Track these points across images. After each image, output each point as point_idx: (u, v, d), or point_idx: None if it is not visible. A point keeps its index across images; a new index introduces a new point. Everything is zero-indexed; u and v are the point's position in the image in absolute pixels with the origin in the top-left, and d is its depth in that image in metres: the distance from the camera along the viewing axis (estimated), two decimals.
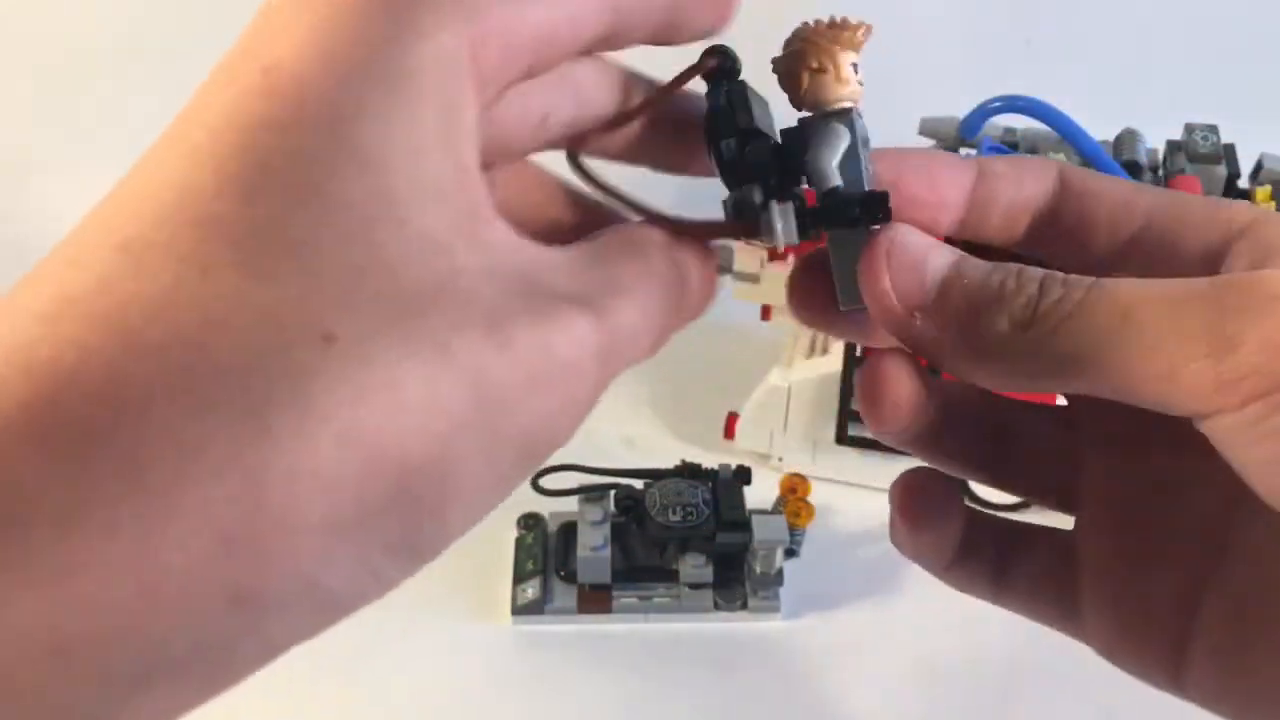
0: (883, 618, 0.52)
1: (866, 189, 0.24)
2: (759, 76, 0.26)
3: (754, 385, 0.58)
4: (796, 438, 0.57)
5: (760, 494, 0.53)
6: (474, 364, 0.17)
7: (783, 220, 0.24)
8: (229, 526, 0.16)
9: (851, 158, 0.24)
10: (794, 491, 0.52)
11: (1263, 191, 0.52)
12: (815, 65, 0.24)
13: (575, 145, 0.24)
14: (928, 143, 0.58)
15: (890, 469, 0.61)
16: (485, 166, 0.20)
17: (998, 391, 0.23)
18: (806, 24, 0.25)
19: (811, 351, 0.59)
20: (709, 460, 0.53)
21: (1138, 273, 0.23)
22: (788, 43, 0.25)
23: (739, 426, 0.58)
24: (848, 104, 0.24)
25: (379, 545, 0.17)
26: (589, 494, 0.53)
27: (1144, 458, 0.25)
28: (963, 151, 0.57)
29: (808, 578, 0.53)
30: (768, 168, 0.24)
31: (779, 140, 0.25)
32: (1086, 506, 0.26)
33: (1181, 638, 0.24)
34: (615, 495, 0.53)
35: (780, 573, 0.52)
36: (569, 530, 0.54)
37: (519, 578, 0.53)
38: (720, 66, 0.25)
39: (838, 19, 0.25)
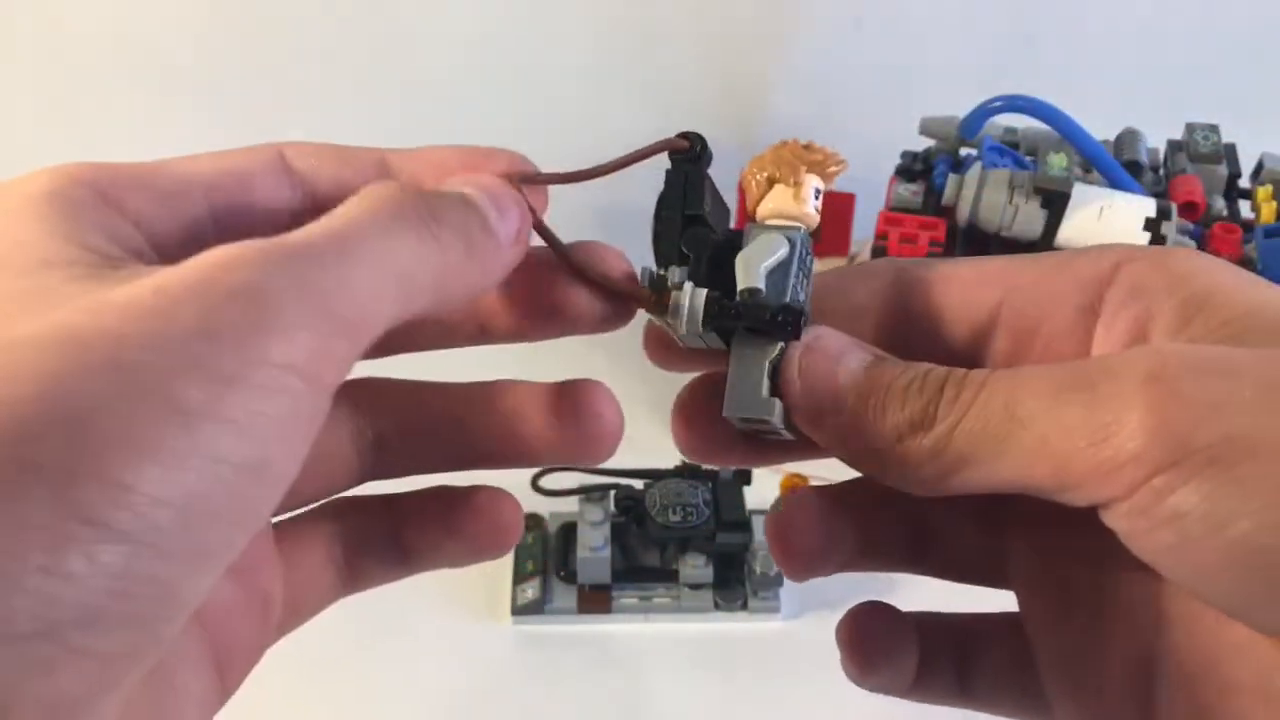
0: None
1: (786, 301, 0.23)
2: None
3: None
4: None
5: (760, 494, 0.53)
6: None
7: (690, 301, 0.23)
8: None
9: (783, 271, 0.24)
10: (794, 491, 0.52)
11: (1264, 191, 0.52)
12: (777, 177, 0.24)
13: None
14: (928, 142, 0.58)
15: None
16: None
17: (914, 494, 0.22)
18: (784, 141, 0.25)
19: None
20: None
21: (1009, 349, 0.23)
22: (760, 155, 0.25)
23: None
24: (799, 225, 0.24)
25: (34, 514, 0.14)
26: (589, 494, 0.53)
27: (1068, 537, 0.24)
28: (963, 151, 0.57)
29: None
30: (699, 254, 0.24)
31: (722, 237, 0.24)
32: (1022, 590, 0.26)
33: (1145, 717, 0.22)
34: (615, 495, 0.53)
35: (780, 573, 0.52)
36: (569, 530, 0.54)
37: (519, 578, 0.53)
38: (689, 150, 0.24)
39: (815, 144, 0.25)
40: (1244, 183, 0.56)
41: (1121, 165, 0.52)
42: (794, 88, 0.83)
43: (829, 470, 0.24)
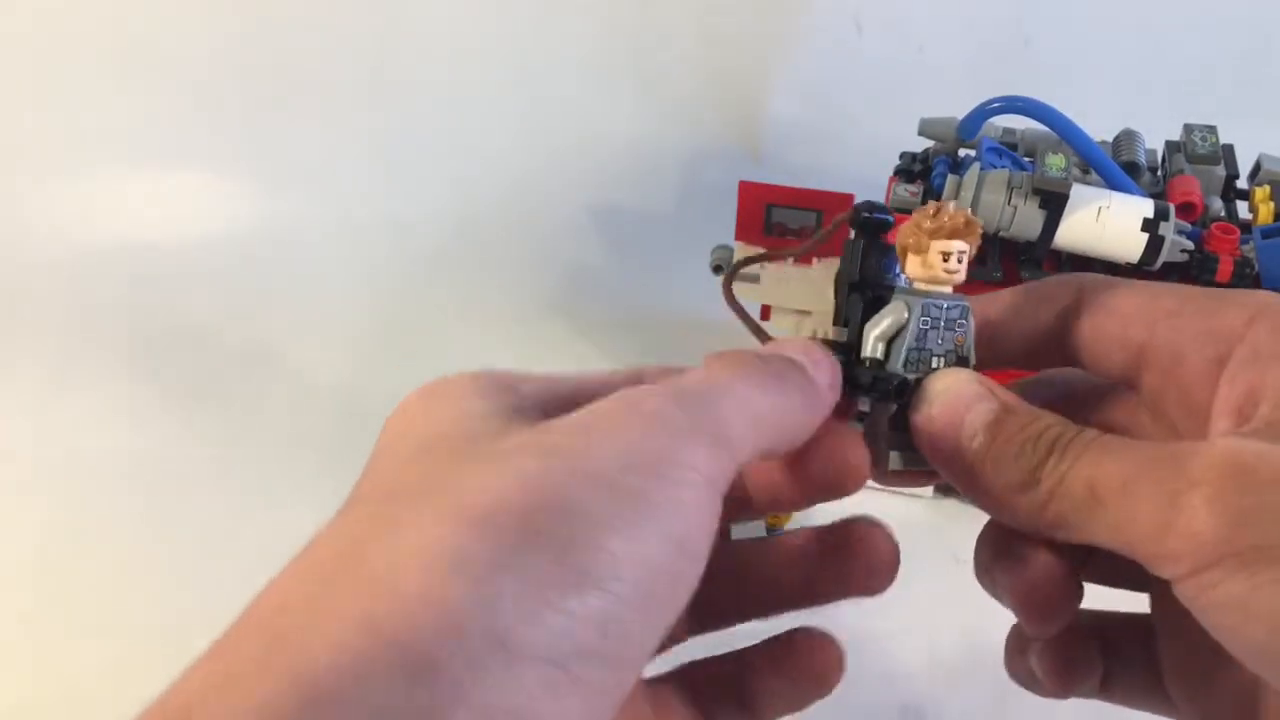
0: (882, 617, 0.52)
1: (899, 371, 0.26)
2: None
3: None
4: None
5: None
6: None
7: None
8: None
9: (901, 339, 0.26)
10: None
11: (1261, 191, 0.53)
12: (908, 246, 0.26)
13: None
14: (927, 143, 0.58)
15: None
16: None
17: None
18: (925, 206, 0.27)
19: None
20: None
21: (1156, 384, 0.26)
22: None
23: None
24: (925, 286, 0.26)
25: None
26: None
27: None
28: (962, 152, 0.57)
29: None
30: (852, 319, 0.27)
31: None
32: (1157, 600, 0.28)
33: None
34: None
35: None
36: None
37: None
38: (859, 222, 0.27)
39: (944, 206, 0.26)
40: (1242, 183, 0.56)
41: (1119, 166, 0.53)
42: (794, 88, 0.83)
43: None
